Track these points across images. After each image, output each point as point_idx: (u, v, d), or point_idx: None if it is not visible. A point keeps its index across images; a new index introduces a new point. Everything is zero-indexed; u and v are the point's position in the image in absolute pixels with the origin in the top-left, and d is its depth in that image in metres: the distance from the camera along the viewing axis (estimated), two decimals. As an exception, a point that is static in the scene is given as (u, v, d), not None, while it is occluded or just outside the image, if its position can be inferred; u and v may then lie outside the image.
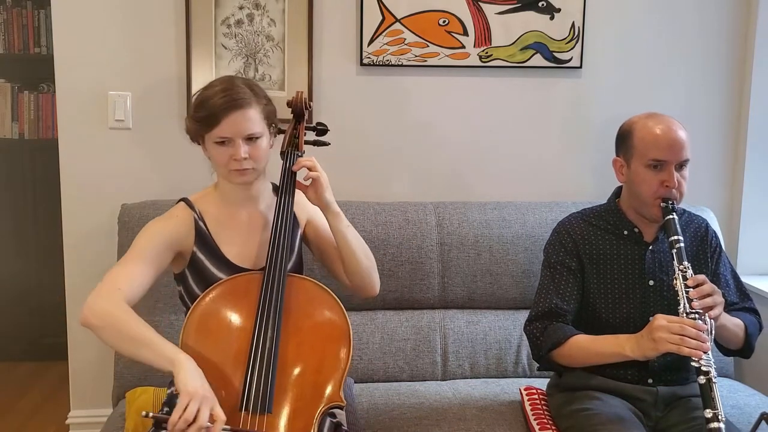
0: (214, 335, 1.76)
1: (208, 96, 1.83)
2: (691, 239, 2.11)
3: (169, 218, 1.92)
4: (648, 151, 1.97)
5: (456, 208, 2.60)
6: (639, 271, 2.05)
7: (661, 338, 1.77)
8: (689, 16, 2.81)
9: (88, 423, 2.69)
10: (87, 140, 2.60)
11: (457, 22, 2.68)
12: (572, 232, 2.11)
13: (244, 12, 2.60)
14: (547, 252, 2.15)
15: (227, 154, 1.82)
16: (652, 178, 1.97)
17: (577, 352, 1.99)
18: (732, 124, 2.88)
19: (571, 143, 2.82)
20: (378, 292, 2.05)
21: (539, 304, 2.08)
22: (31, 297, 3.76)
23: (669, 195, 1.96)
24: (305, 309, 1.82)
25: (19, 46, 3.72)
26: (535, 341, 2.06)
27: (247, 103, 1.82)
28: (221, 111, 1.79)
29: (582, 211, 2.19)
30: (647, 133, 1.99)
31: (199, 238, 1.89)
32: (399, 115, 2.73)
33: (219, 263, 1.88)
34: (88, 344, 2.66)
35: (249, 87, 1.86)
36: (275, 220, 1.87)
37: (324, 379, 1.74)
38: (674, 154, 1.96)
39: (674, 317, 1.80)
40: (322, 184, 1.87)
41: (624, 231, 2.09)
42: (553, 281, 2.08)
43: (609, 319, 2.05)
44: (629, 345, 1.88)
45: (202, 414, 1.54)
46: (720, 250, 2.15)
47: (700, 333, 1.75)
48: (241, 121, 1.80)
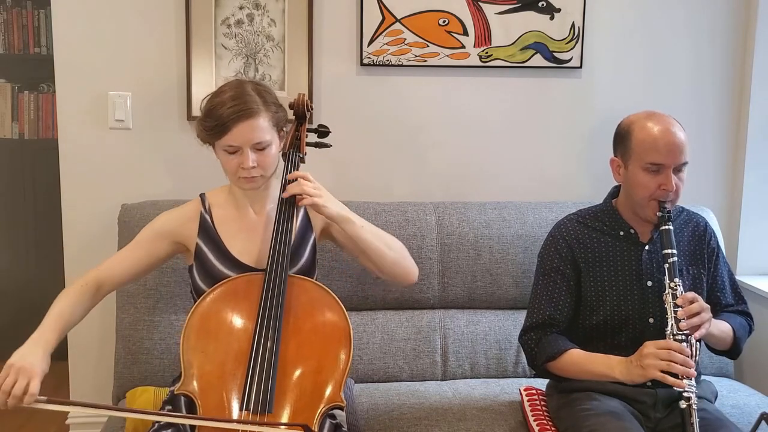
0: (215, 335, 1.76)
1: (217, 104, 1.82)
2: (690, 238, 2.10)
3: (174, 211, 1.99)
4: (646, 155, 1.95)
5: (456, 208, 2.60)
6: (636, 272, 2.04)
7: (650, 365, 1.78)
8: (689, 16, 2.81)
9: (88, 423, 2.69)
10: (87, 140, 2.60)
11: (457, 22, 2.68)
12: (567, 236, 2.10)
13: (244, 12, 2.60)
14: (542, 257, 2.14)
15: (236, 162, 1.83)
16: (649, 181, 1.95)
17: (570, 367, 1.99)
18: (732, 124, 2.88)
19: (571, 143, 2.82)
20: (416, 279, 2.05)
21: (533, 314, 2.08)
22: (31, 297, 3.75)
23: (665, 197, 1.95)
24: (306, 309, 1.82)
25: (19, 46, 3.73)
26: (530, 352, 2.07)
27: (256, 113, 1.81)
28: (230, 120, 1.79)
29: (578, 212, 2.18)
30: (646, 135, 1.96)
31: (203, 231, 1.92)
32: (399, 115, 2.73)
33: (222, 258, 1.89)
34: (88, 344, 2.67)
35: (258, 93, 1.85)
36: (276, 221, 1.87)
37: (324, 379, 1.75)
38: (672, 157, 1.94)
39: (661, 342, 1.81)
40: (319, 204, 1.84)
41: (620, 231, 2.07)
42: (546, 290, 2.07)
43: (608, 320, 2.04)
44: (619, 368, 1.89)
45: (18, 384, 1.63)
46: (718, 251, 2.14)
47: (686, 359, 1.76)
48: (249, 131, 1.80)
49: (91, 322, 2.64)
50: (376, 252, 1.93)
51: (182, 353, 1.73)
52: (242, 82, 1.89)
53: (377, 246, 1.92)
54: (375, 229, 1.96)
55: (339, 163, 2.59)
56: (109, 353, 2.46)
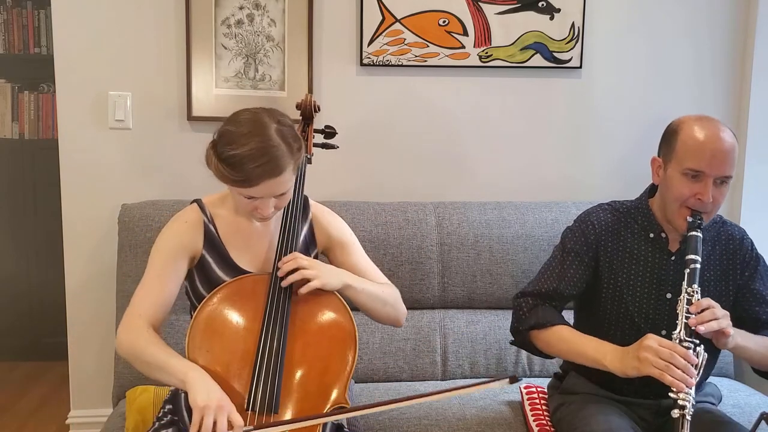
0: (221, 335, 1.76)
1: (242, 158, 1.67)
2: (722, 252, 1.98)
3: (179, 225, 1.89)
4: (687, 159, 1.83)
5: (456, 208, 2.60)
6: (657, 281, 1.94)
7: (647, 359, 1.67)
8: (689, 16, 2.81)
9: (89, 423, 2.69)
10: (87, 140, 2.60)
11: (457, 22, 2.68)
12: (598, 224, 2.00)
13: (244, 12, 2.60)
14: (566, 236, 2.04)
15: (253, 206, 1.78)
16: (685, 186, 1.84)
17: (556, 342, 1.90)
18: (732, 124, 2.86)
19: (571, 143, 2.82)
20: (403, 323, 2.00)
21: (540, 282, 2.01)
22: (32, 297, 3.76)
23: (699, 207, 1.83)
24: (312, 310, 1.81)
25: (19, 46, 3.73)
26: (520, 314, 1.99)
27: (285, 167, 1.72)
28: (256, 178, 1.69)
29: (612, 203, 2.06)
30: (691, 138, 1.84)
31: (209, 242, 1.88)
32: (399, 115, 2.73)
33: (227, 268, 1.87)
34: (88, 344, 2.67)
35: (283, 138, 1.72)
36: (282, 228, 1.86)
37: (330, 380, 1.75)
38: (715, 167, 1.81)
39: (666, 341, 1.69)
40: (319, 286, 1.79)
41: (650, 233, 1.97)
42: (562, 265, 1.99)
43: (618, 322, 1.97)
44: (611, 356, 1.78)
45: (219, 424, 1.56)
46: (757, 263, 2.00)
47: (688, 366, 1.65)
48: (275, 186, 1.73)
49: (91, 322, 2.65)
50: (370, 311, 1.93)
51: (188, 353, 1.73)
52: (264, 124, 1.72)
53: (372, 306, 1.91)
54: (372, 288, 1.91)
55: (339, 163, 2.59)
56: (109, 353, 2.46)
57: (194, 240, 1.87)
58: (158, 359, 1.70)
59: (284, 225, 1.87)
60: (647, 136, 2.84)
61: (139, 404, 2.13)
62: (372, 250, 2.04)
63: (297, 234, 1.88)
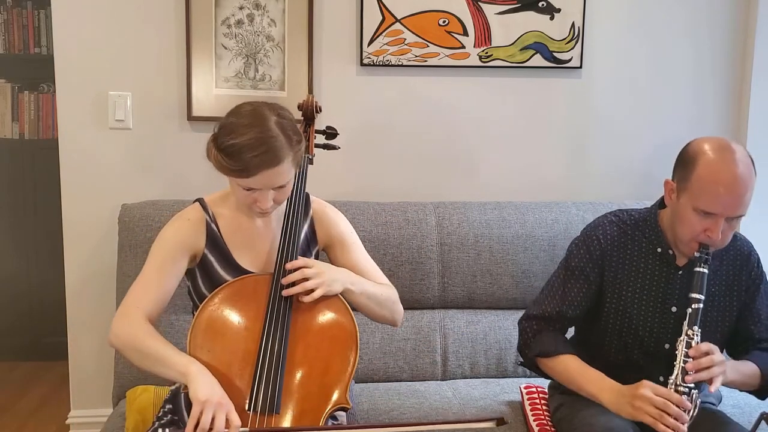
0: (222, 335, 1.75)
1: (241, 148, 1.68)
2: (729, 266, 1.97)
3: (182, 222, 1.89)
4: (702, 199, 1.77)
5: (456, 208, 2.60)
6: (663, 295, 1.93)
7: (641, 409, 1.71)
8: (689, 16, 2.81)
9: (89, 423, 2.69)
10: (87, 140, 2.60)
11: (457, 22, 2.68)
12: (603, 239, 1.97)
13: (244, 12, 2.60)
14: (571, 252, 2.02)
15: (252, 198, 1.78)
16: (697, 223, 1.79)
17: (560, 372, 1.95)
18: (732, 124, 2.88)
19: (571, 143, 2.83)
20: (400, 324, 2.01)
21: (543, 304, 2.01)
22: (32, 297, 3.76)
23: (708, 243, 1.80)
24: (313, 311, 1.81)
25: (19, 46, 3.73)
26: (526, 340, 2.01)
27: (283, 158, 1.72)
28: (254, 168, 1.70)
29: (619, 214, 2.03)
30: (708, 176, 1.76)
31: (211, 241, 1.87)
32: (399, 116, 2.73)
33: (229, 267, 1.87)
34: (88, 344, 2.67)
35: (282, 130, 1.72)
36: (284, 227, 1.86)
37: (331, 381, 1.75)
38: (730, 210, 1.77)
39: (662, 389, 1.71)
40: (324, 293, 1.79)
41: (657, 248, 1.94)
42: (564, 286, 1.99)
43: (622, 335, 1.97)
44: (609, 395, 1.81)
45: (217, 420, 1.56)
46: (760, 282, 1.99)
47: (681, 413, 1.68)
48: (273, 177, 1.73)
49: (91, 321, 2.65)
50: (367, 311, 1.93)
51: (189, 352, 1.73)
52: (263, 116, 1.74)
53: (370, 307, 1.91)
54: (371, 289, 1.90)
55: (339, 163, 2.59)
56: (109, 353, 2.45)
57: (196, 238, 1.87)
58: (158, 351, 1.69)
59: (286, 224, 1.87)
60: (647, 136, 2.86)
61: (139, 404, 2.13)
62: (372, 250, 2.03)
63: (298, 233, 1.88)
